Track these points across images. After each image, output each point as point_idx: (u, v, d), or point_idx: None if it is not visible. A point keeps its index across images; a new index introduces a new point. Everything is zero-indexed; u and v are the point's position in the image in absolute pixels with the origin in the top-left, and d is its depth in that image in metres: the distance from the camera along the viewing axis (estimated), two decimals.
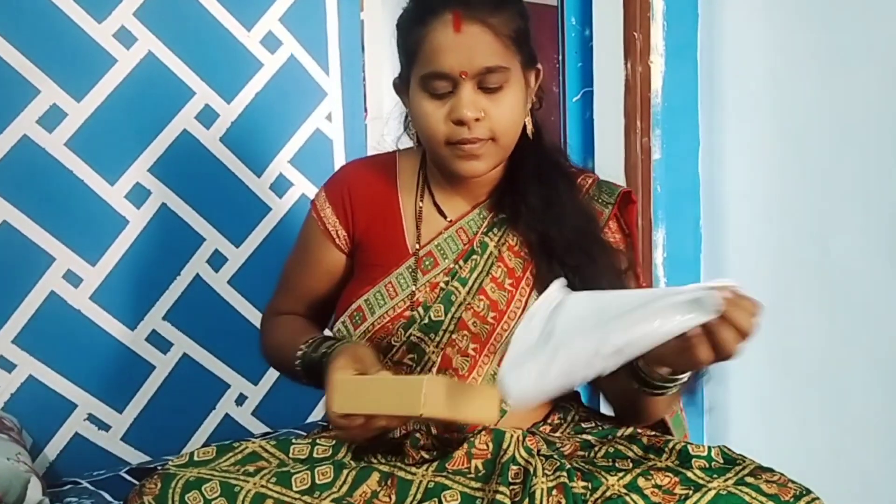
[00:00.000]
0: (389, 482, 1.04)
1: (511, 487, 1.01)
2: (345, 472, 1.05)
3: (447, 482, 1.02)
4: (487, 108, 1.11)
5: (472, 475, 1.03)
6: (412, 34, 1.13)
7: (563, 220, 1.17)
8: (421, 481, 1.03)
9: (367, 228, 1.24)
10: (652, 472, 1.03)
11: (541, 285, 1.16)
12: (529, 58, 1.16)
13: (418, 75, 1.13)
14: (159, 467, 1.09)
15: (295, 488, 1.02)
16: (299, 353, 1.18)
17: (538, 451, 1.08)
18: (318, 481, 1.04)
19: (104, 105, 1.75)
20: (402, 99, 1.23)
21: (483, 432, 1.08)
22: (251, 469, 1.05)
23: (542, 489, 0.99)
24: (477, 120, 1.10)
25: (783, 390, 1.75)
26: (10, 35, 1.65)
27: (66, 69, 1.70)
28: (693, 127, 1.87)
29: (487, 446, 1.06)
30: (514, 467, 1.03)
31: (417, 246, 1.21)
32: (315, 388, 1.21)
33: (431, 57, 1.10)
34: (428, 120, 1.13)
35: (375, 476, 1.04)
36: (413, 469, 1.05)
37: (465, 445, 1.06)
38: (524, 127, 1.18)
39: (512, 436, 1.08)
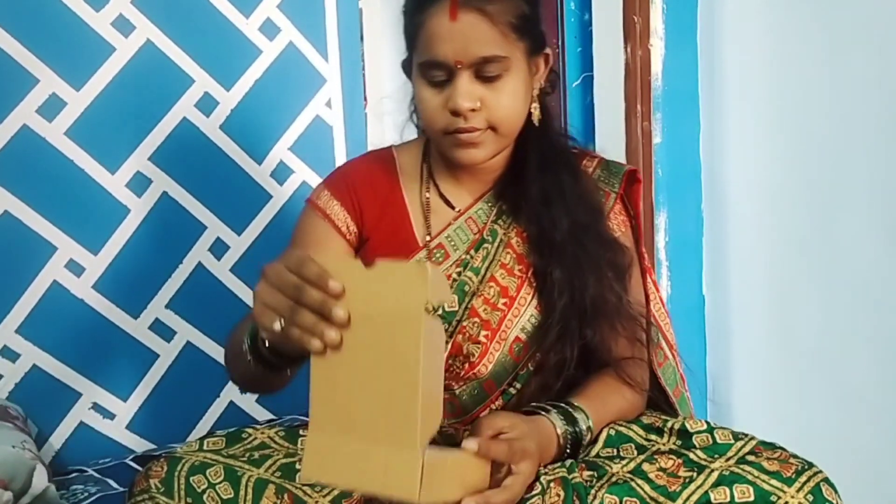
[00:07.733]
0: None
1: None
2: None
3: None
4: (485, 97, 1.09)
5: None
6: (413, 19, 1.12)
7: (563, 215, 1.15)
8: None
9: (374, 225, 1.22)
10: (656, 457, 1.02)
11: (538, 278, 1.16)
12: (536, 44, 1.14)
13: (417, 62, 1.12)
14: (164, 453, 1.09)
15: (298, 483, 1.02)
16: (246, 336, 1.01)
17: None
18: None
19: (103, 94, 1.75)
20: (410, 81, 1.20)
21: None
22: (256, 456, 1.05)
23: (542, 484, 0.98)
24: (473, 110, 1.09)
25: (785, 369, 1.76)
26: (9, 24, 1.64)
27: (65, 58, 1.70)
28: (694, 110, 1.86)
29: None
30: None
31: (428, 238, 1.19)
32: (262, 381, 1.07)
33: (428, 45, 1.09)
34: (426, 107, 1.12)
35: None
36: None
37: None
38: (529, 114, 1.16)
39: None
